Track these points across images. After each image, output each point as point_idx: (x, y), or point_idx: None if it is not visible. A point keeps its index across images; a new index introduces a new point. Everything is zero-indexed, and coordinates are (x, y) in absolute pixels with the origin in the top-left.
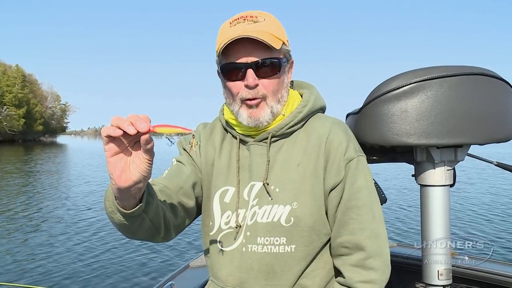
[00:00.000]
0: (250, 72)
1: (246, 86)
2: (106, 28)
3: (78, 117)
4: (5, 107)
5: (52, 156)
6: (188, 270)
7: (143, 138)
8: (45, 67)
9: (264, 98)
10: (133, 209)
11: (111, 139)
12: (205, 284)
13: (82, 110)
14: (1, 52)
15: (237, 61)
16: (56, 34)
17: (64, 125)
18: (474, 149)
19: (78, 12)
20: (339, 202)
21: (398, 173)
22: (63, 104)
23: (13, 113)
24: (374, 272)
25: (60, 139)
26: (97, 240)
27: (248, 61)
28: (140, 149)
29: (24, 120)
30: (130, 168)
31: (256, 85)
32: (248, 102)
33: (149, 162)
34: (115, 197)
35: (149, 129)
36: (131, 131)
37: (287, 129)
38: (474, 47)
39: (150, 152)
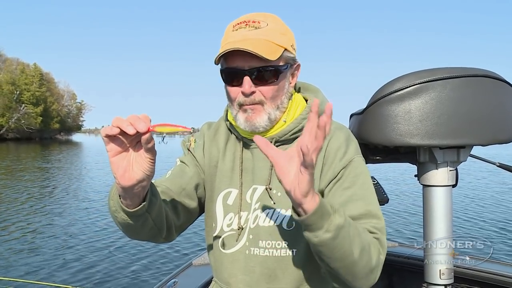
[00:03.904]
0: (246, 80)
1: (243, 93)
2: (123, 27)
3: (92, 116)
4: (23, 105)
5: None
6: (191, 268)
7: (144, 137)
8: (61, 66)
9: (261, 103)
10: (137, 208)
11: (111, 139)
12: (208, 282)
13: (97, 109)
14: (20, 51)
15: (235, 67)
16: (73, 32)
17: (80, 123)
18: (476, 150)
19: (95, 10)
20: (333, 197)
21: (400, 173)
22: (79, 103)
23: (31, 111)
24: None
25: (75, 137)
26: (100, 238)
27: (245, 67)
28: (142, 149)
29: (41, 118)
30: (133, 167)
31: (253, 92)
32: (245, 106)
33: (151, 160)
34: (119, 196)
35: (149, 129)
36: (130, 131)
37: (290, 135)
38: (479, 49)
39: (151, 151)
